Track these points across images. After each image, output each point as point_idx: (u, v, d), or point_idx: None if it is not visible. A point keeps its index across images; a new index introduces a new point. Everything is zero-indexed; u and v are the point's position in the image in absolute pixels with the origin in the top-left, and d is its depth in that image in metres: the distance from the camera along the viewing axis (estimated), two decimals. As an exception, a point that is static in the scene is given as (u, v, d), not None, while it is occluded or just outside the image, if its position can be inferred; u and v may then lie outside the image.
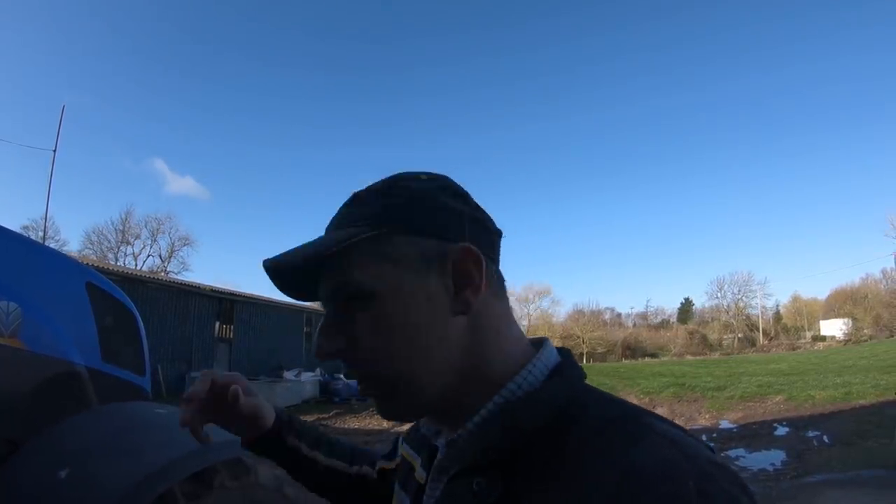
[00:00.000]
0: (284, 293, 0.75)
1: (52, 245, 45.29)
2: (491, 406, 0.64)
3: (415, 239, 0.67)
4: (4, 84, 60.04)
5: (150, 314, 17.90)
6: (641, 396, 19.56)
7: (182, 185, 75.44)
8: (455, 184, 0.75)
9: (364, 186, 0.74)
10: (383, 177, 0.74)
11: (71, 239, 52.85)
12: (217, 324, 22.44)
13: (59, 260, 3.26)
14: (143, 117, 75.11)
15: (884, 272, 57.14)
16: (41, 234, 44.61)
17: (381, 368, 0.66)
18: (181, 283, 21.93)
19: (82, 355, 2.94)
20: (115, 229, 52.80)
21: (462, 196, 0.73)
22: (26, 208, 75.44)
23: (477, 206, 0.74)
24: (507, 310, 0.73)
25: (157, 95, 75.35)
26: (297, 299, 0.78)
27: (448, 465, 0.67)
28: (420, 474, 0.78)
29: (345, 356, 0.68)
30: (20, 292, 2.65)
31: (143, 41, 73.31)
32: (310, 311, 29.13)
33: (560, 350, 0.72)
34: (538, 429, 0.60)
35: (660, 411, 16.44)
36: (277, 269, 0.68)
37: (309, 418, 15.04)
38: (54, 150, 14.46)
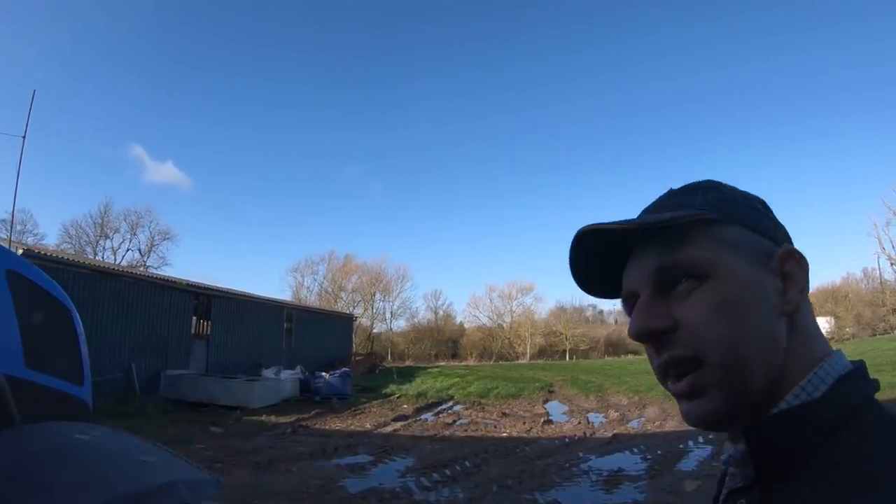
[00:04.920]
0: (579, 275, 0.77)
1: (29, 239, 44.87)
2: (776, 412, 0.63)
3: (748, 233, 0.69)
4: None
5: (124, 309, 17.44)
6: (630, 395, 19.38)
7: (162, 172, 72.03)
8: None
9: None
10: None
11: (49, 233, 52.02)
12: (194, 320, 21.72)
13: None
14: (120, 100, 71.69)
15: (865, 272, 57.79)
16: (18, 227, 44.04)
17: (712, 352, 0.64)
18: (156, 278, 21.23)
19: None
20: (94, 223, 51.52)
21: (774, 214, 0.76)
22: (2, 201, 73.64)
23: None
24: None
25: (134, 77, 71.95)
26: (588, 288, 0.80)
27: (732, 482, 0.69)
28: None
29: (668, 337, 0.66)
30: None
31: (120, 21, 69.64)
32: (290, 308, 28.71)
33: (853, 362, 0.68)
34: (815, 437, 0.60)
35: (650, 411, 16.21)
36: (594, 234, 0.68)
37: (288, 419, 14.61)
38: (24, 137, 13.72)
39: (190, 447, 10.71)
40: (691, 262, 0.66)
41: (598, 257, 0.73)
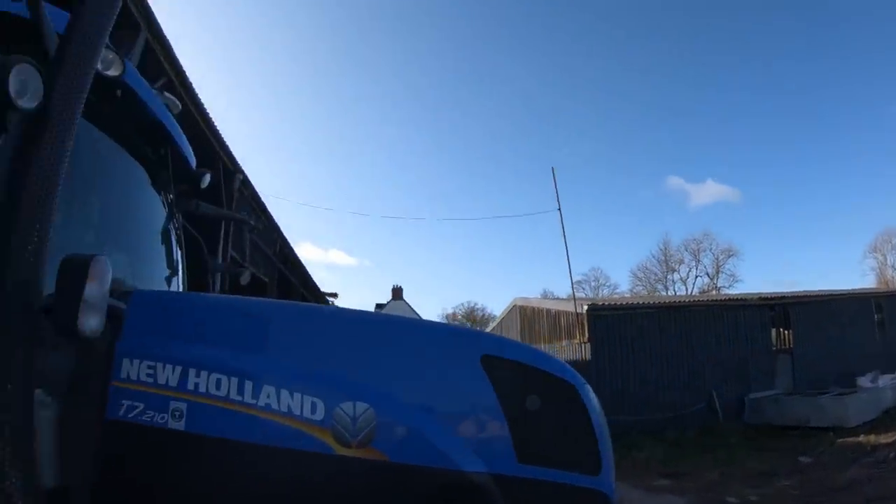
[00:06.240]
0: None
1: (604, 291, 51.00)
2: None
3: None
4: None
5: (696, 338, 18.18)
6: None
7: (704, 192, 73.49)
8: None
9: None
10: None
11: (621, 281, 60.37)
12: (773, 333, 20.59)
13: (428, 334, 2.66)
14: (641, 139, 78.21)
15: None
16: (592, 283, 50.67)
17: None
18: (724, 299, 21.20)
19: (481, 458, 2.10)
20: (657, 261, 56.20)
21: None
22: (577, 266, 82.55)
23: None
24: None
25: (655, 113, 76.65)
26: None
27: None
28: None
29: None
30: (371, 386, 2.08)
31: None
32: (877, 296, 23.80)
33: None
34: None
35: None
36: None
37: (889, 438, 12.22)
38: (559, 210, 16.91)
39: (775, 483, 10.24)
40: None
41: None
